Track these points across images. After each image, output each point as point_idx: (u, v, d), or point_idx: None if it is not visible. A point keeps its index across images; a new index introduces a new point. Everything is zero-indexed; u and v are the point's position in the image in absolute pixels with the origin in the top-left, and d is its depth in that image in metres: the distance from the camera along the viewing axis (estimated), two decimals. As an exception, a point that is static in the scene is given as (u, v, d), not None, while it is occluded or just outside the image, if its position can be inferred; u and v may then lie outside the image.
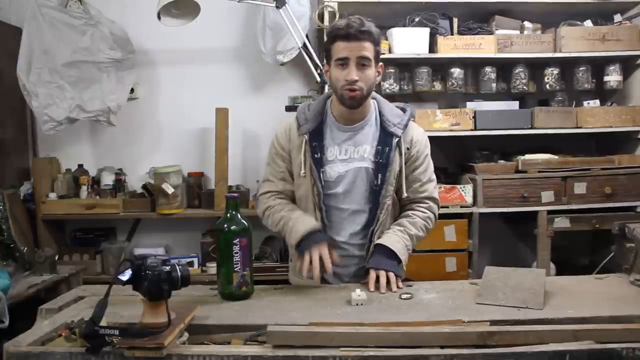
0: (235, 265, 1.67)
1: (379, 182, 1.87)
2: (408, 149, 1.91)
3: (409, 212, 1.97)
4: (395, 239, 1.89)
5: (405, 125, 1.90)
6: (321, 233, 1.86)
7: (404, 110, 1.95)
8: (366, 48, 1.79)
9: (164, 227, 3.67)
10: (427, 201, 1.98)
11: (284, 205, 1.95)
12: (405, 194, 1.93)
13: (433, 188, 1.99)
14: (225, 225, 1.70)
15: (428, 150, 1.98)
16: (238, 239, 1.68)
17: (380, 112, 1.92)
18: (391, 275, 1.79)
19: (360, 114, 1.90)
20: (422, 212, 1.96)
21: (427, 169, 1.97)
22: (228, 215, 1.71)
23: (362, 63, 1.79)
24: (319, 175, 1.87)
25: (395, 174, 1.89)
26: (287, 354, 1.30)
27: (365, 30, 1.78)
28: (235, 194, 1.78)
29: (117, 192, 3.50)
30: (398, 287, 1.77)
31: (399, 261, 1.87)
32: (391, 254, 1.85)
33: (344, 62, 1.79)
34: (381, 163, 1.87)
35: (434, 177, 2.01)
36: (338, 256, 1.87)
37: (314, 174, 1.87)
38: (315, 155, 1.87)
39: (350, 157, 1.89)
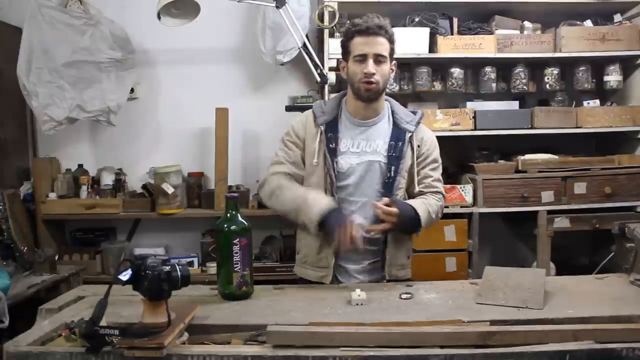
0: (235, 265, 1.68)
1: (392, 174, 1.94)
2: (419, 146, 2.00)
3: (424, 197, 2.00)
4: (420, 207, 1.91)
5: (418, 123, 2.01)
6: (341, 210, 1.89)
7: (414, 112, 2.06)
8: (382, 44, 1.90)
9: (164, 227, 3.66)
10: (439, 194, 2.04)
11: (298, 186, 1.97)
12: (419, 188, 2.00)
13: (442, 187, 2.07)
14: (225, 225, 1.70)
15: (438, 152, 2.08)
16: (238, 239, 1.68)
17: (393, 111, 2.02)
18: (385, 226, 1.84)
19: (374, 111, 1.99)
20: (436, 200, 2.01)
21: (438, 168, 2.07)
22: (228, 215, 1.71)
23: (378, 59, 1.89)
24: (333, 165, 1.93)
25: (407, 167, 1.97)
26: (287, 354, 1.30)
27: (383, 26, 1.90)
28: (235, 194, 1.78)
29: (117, 192, 3.50)
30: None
31: (416, 229, 1.92)
32: (414, 216, 1.88)
33: (362, 59, 1.89)
34: (394, 156, 1.95)
35: (441, 178, 2.08)
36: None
37: (328, 162, 1.93)
38: (330, 145, 1.94)
39: (362, 150, 1.97)
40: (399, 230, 1.93)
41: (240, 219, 1.72)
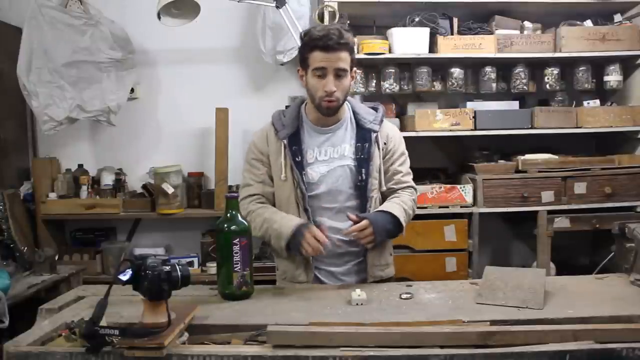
0: (235, 265, 1.68)
1: (364, 176, 1.91)
2: (385, 143, 1.98)
3: (396, 195, 1.99)
4: (394, 207, 1.91)
5: (381, 121, 1.97)
6: (307, 224, 1.87)
7: (375, 109, 2.02)
8: (343, 59, 1.83)
9: (164, 227, 3.67)
10: (410, 188, 2.03)
11: (265, 209, 1.95)
12: (390, 185, 1.98)
13: (412, 179, 2.06)
14: (225, 225, 1.70)
15: (404, 145, 2.05)
16: (238, 239, 1.68)
17: (354, 112, 1.98)
18: (368, 238, 1.82)
19: (336, 117, 1.96)
20: (409, 195, 2.01)
21: (405, 162, 2.04)
22: (228, 215, 1.71)
23: (338, 74, 1.84)
24: (302, 178, 1.90)
25: (377, 167, 1.95)
26: (287, 354, 1.30)
27: (343, 42, 1.81)
28: (235, 194, 1.78)
29: (117, 192, 3.50)
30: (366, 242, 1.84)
31: (399, 229, 1.90)
32: (391, 219, 1.88)
33: (321, 73, 1.84)
34: (363, 158, 1.92)
35: (410, 170, 2.07)
36: (333, 244, 1.90)
37: (296, 176, 1.90)
38: (297, 159, 1.91)
39: (330, 157, 1.94)
40: (383, 236, 1.89)
41: (240, 219, 1.72)
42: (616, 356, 1.28)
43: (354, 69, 1.92)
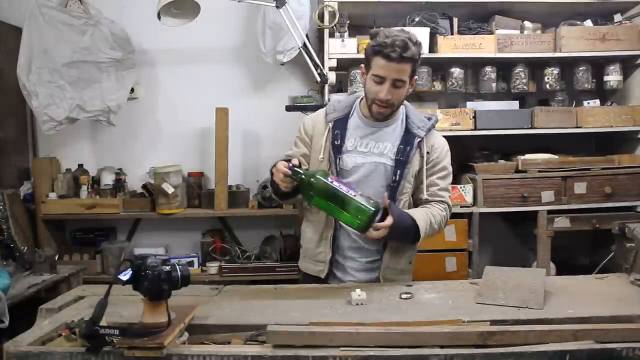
0: (350, 192, 1.71)
1: (397, 178, 1.93)
2: (428, 153, 1.98)
3: (428, 205, 1.99)
4: (422, 217, 1.90)
5: (429, 130, 1.99)
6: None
7: (429, 118, 2.04)
8: (404, 71, 1.84)
9: (164, 227, 3.67)
10: (444, 203, 2.01)
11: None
12: (425, 195, 1.97)
13: (448, 196, 2.04)
14: (312, 178, 1.73)
15: (448, 160, 2.04)
16: (329, 178, 1.74)
17: (407, 115, 2.01)
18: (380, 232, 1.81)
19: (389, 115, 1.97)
20: (440, 210, 1.99)
21: (446, 176, 2.03)
22: (303, 176, 1.74)
23: (396, 84, 1.85)
24: (336, 161, 1.94)
25: (414, 172, 1.96)
26: (287, 354, 1.30)
27: (407, 57, 1.80)
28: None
29: (117, 192, 3.50)
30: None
31: (415, 238, 1.89)
32: (413, 227, 1.87)
33: (380, 80, 1.85)
34: (401, 160, 1.94)
35: (450, 187, 2.06)
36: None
37: (331, 159, 1.95)
38: (335, 142, 1.95)
39: (369, 151, 1.97)
40: (395, 239, 1.91)
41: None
42: (616, 356, 1.28)
43: (415, 77, 1.92)
